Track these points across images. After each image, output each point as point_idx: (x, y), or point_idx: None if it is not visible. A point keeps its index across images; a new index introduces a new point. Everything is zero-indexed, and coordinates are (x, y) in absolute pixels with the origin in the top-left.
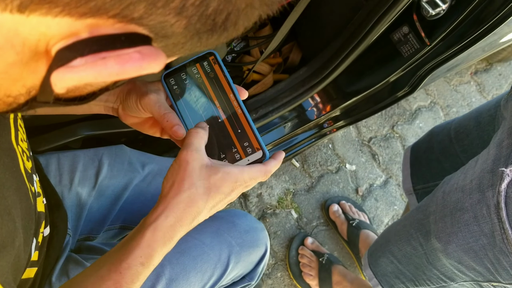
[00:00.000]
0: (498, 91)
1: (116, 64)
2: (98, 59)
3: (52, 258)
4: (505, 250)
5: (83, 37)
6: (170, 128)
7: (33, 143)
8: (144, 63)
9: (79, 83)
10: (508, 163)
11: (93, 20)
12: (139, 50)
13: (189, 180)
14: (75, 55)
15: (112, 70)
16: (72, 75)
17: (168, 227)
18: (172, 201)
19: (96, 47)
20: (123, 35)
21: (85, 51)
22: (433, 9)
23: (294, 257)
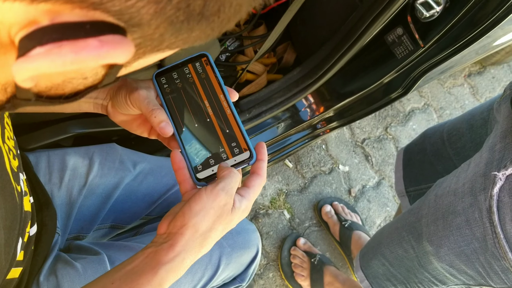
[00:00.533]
0: (491, 93)
1: (71, 52)
2: (55, 47)
3: (40, 257)
4: (497, 254)
5: (43, 25)
6: (158, 124)
7: (23, 140)
8: (102, 51)
9: (35, 73)
10: (500, 167)
11: (47, 5)
12: (100, 38)
13: (213, 224)
14: (34, 44)
15: (66, 58)
16: (28, 65)
17: (182, 268)
18: (191, 243)
19: (56, 36)
20: (87, 23)
21: (44, 39)
22: (427, 11)
23: (286, 258)
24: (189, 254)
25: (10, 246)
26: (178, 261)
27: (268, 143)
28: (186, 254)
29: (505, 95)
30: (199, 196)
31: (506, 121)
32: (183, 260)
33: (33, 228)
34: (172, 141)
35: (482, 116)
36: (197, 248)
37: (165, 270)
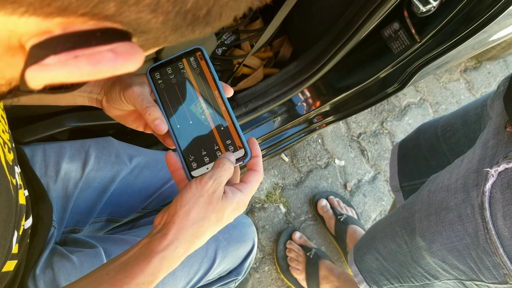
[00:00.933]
0: (487, 89)
1: (88, 64)
2: (71, 58)
3: (37, 250)
4: (488, 250)
5: (56, 34)
6: (152, 122)
7: (18, 134)
8: (117, 63)
9: (52, 81)
10: (493, 163)
11: (62, 19)
12: (113, 49)
13: (205, 212)
14: (47, 53)
15: (84, 70)
16: (45, 74)
17: (176, 258)
18: (184, 232)
19: (69, 45)
20: (98, 31)
21: (57, 49)
22: (424, 6)
23: (282, 251)
24: (181, 242)
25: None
26: (171, 249)
27: (264, 137)
28: (179, 242)
29: (498, 91)
30: (189, 185)
31: (499, 117)
32: (175, 249)
33: (28, 221)
34: (167, 137)
35: (476, 112)
36: (190, 237)
37: (158, 259)
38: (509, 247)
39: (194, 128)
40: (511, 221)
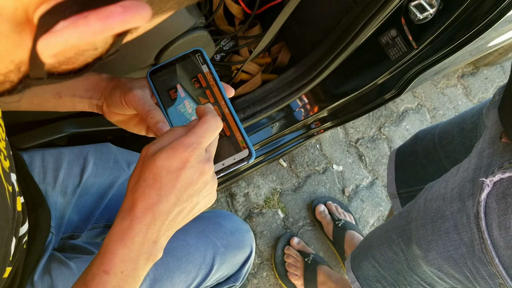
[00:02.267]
0: (484, 94)
1: (98, 20)
2: (80, 18)
3: (34, 257)
4: (484, 259)
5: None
6: (154, 125)
7: (17, 140)
8: (127, 15)
9: (65, 47)
10: (488, 173)
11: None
12: (121, 4)
13: (138, 176)
14: (57, 19)
15: (95, 28)
16: (57, 39)
17: (124, 228)
18: (126, 200)
19: (77, 7)
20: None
21: (66, 13)
22: (421, 13)
23: (280, 257)
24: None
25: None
26: (118, 220)
27: (262, 143)
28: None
29: (494, 100)
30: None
31: (495, 127)
32: (122, 219)
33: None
34: None
35: (473, 119)
36: (129, 204)
37: (108, 235)
38: (504, 257)
39: None
40: (506, 231)
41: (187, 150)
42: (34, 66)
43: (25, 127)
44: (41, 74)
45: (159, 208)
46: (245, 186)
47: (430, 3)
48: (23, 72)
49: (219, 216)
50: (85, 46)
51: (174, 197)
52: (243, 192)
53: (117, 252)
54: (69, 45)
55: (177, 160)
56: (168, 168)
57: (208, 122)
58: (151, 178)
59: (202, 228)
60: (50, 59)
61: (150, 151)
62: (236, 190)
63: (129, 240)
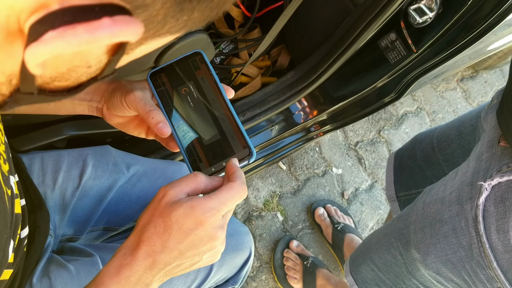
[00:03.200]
0: (484, 98)
1: (86, 31)
2: (69, 29)
3: (33, 259)
4: (482, 263)
5: (54, 9)
6: (155, 125)
7: (16, 142)
8: (115, 29)
9: (50, 55)
10: (486, 177)
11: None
12: (112, 18)
13: (150, 218)
14: (46, 28)
15: (82, 38)
16: (43, 48)
17: (122, 264)
18: (132, 239)
19: (67, 18)
20: (97, 5)
21: (56, 23)
22: (420, 17)
23: (279, 260)
24: (129, 249)
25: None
26: (116, 257)
27: (262, 146)
28: (127, 249)
29: (492, 104)
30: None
31: (493, 130)
32: (123, 256)
33: (24, 231)
34: (171, 141)
35: (471, 123)
36: (134, 244)
37: (108, 274)
38: (503, 260)
39: (197, 130)
40: (504, 235)
41: (205, 214)
42: (25, 78)
43: (24, 130)
44: (31, 88)
45: (160, 258)
46: None
47: (429, 7)
48: (14, 86)
49: None
50: (77, 61)
51: (177, 252)
52: None
53: (110, 286)
54: (55, 54)
55: (192, 220)
56: (181, 225)
57: (235, 190)
58: (161, 227)
59: None
60: (38, 70)
61: (168, 197)
62: None
63: (124, 278)
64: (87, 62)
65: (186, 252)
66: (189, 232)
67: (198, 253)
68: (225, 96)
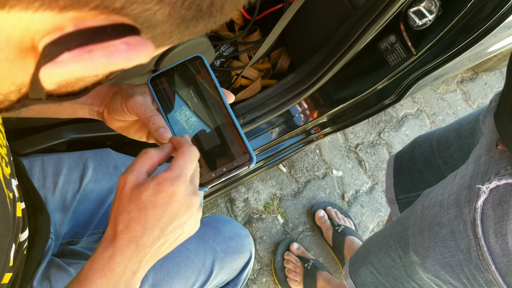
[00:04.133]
0: (484, 100)
1: (103, 56)
2: (85, 52)
3: (34, 262)
4: (481, 266)
5: (69, 31)
6: (156, 131)
7: (17, 145)
8: (131, 53)
9: (67, 78)
10: (484, 180)
11: (75, 13)
12: (126, 41)
13: (122, 206)
14: (61, 50)
15: (99, 63)
16: (60, 70)
17: (106, 258)
18: (108, 230)
19: (82, 40)
20: (109, 26)
21: (71, 45)
22: (420, 19)
23: (280, 263)
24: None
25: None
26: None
27: (262, 148)
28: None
29: (490, 107)
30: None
31: (491, 134)
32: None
33: (24, 234)
34: None
35: (470, 125)
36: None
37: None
38: (501, 264)
39: (197, 135)
40: (502, 238)
41: (174, 184)
42: (35, 89)
43: (25, 133)
44: (40, 95)
45: (143, 241)
46: (245, 192)
47: (429, 9)
48: (23, 93)
49: (218, 221)
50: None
51: (158, 230)
52: (242, 197)
53: (95, 281)
54: (72, 76)
55: (164, 194)
56: (154, 202)
57: (187, 153)
58: (135, 211)
59: (202, 233)
60: (52, 86)
61: (130, 182)
62: (235, 195)
63: (109, 270)
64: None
65: (167, 228)
66: (164, 206)
67: (179, 224)
68: (225, 101)
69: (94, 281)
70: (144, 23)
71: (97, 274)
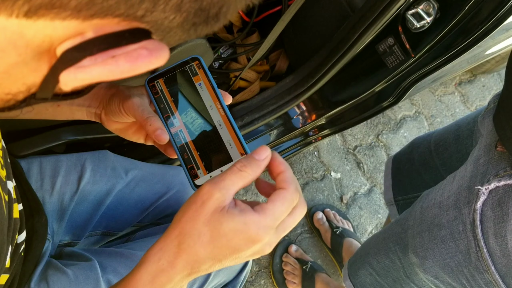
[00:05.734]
0: (482, 102)
1: (127, 62)
2: (108, 57)
3: (31, 264)
4: (480, 267)
5: (89, 37)
6: (153, 132)
7: (15, 147)
8: (152, 58)
9: (91, 81)
10: (484, 181)
11: (99, 21)
12: (145, 46)
13: (194, 224)
14: (83, 55)
15: (124, 68)
16: (84, 75)
17: (158, 271)
18: (169, 243)
19: (103, 46)
20: (126, 31)
21: (93, 50)
22: (418, 21)
23: (278, 265)
24: (165, 254)
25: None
26: (154, 260)
27: None
28: (163, 254)
29: (489, 108)
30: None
31: (490, 135)
32: (159, 260)
33: (21, 236)
34: (168, 147)
35: (469, 127)
36: (174, 248)
37: (138, 271)
38: (501, 265)
39: (194, 136)
40: (502, 239)
41: (259, 232)
42: (44, 89)
43: (23, 135)
44: (47, 95)
45: (200, 267)
46: (243, 193)
47: (427, 11)
48: (31, 93)
49: None
50: None
51: (217, 262)
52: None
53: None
54: (96, 80)
55: (243, 237)
56: (229, 239)
57: (287, 200)
58: (207, 237)
59: None
60: (69, 88)
61: (215, 201)
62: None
63: (159, 285)
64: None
65: (225, 261)
66: (237, 248)
67: (234, 258)
68: (223, 102)
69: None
70: (159, 28)
71: (147, 286)
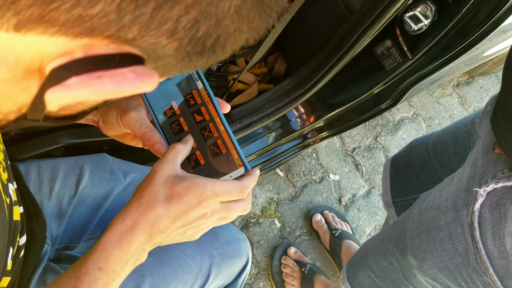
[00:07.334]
0: (480, 103)
1: (112, 83)
2: (94, 78)
3: (30, 267)
4: (479, 269)
5: (78, 57)
6: (151, 147)
7: (13, 151)
8: (139, 82)
9: (73, 101)
10: (482, 183)
11: (88, 40)
12: (133, 70)
13: (152, 187)
14: (70, 74)
15: (107, 89)
16: (67, 94)
17: (124, 231)
18: (131, 206)
19: (91, 67)
20: (117, 55)
21: (80, 70)
22: (416, 24)
23: (277, 267)
24: (129, 215)
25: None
26: (119, 222)
27: (259, 153)
28: (127, 216)
29: (486, 110)
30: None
31: (487, 137)
32: (123, 221)
33: (22, 238)
34: None
35: (466, 129)
36: (139, 211)
37: (107, 233)
38: (499, 267)
39: (192, 147)
40: (500, 241)
41: (206, 193)
42: (35, 110)
43: (21, 138)
44: (38, 117)
45: (159, 224)
46: None
47: (424, 14)
48: (22, 113)
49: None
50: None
51: (170, 221)
52: None
53: (113, 253)
54: (78, 100)
55: (194, 195)
56: (181, 196)
57: (241, 188)
58: (163, 195)
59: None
60: (55, 108)
61: (165, 169)
62: None
63: (126, 243)
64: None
65: (176, 223)
66: (187, 205)
67: (185, 224)
68: (220, 112)
69: (112, 252)
70: (151, 54)
71: (115, 245)
